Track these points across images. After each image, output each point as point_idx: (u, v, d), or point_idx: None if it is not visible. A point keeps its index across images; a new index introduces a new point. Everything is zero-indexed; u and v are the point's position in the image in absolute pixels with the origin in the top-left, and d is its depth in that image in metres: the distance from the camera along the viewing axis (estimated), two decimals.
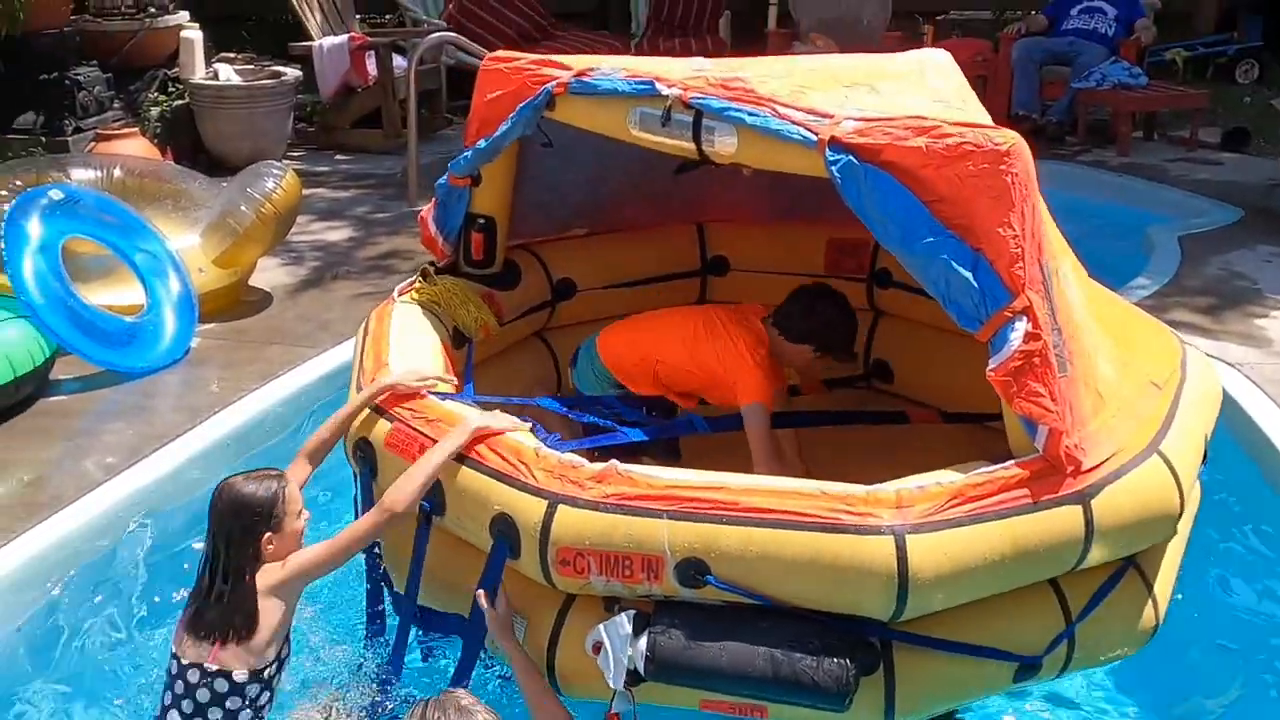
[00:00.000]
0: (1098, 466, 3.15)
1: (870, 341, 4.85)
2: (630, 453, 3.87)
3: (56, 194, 5.82)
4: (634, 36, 11.97)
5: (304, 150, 10.21)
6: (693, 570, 2.84)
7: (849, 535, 2.81)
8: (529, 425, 3.38)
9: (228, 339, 6.26)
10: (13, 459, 4.97)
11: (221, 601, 3.08)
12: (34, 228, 5.61)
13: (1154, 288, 6.84)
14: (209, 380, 5.72)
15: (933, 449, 3.61)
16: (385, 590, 3.55)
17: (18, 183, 6.22)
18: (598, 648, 2.92)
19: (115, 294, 5.92)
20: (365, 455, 3.49)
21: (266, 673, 3.13)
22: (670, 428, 4.01)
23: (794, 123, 3.23)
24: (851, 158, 3.13)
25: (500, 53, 4.08)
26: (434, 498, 3.23)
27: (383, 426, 3.45)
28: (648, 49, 11.19)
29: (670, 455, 3.98)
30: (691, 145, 3.49)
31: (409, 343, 3.87)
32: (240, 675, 3.09)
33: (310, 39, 10.12)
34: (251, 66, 9.79)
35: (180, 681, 3.12)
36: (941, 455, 3.25)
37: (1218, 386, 3.95)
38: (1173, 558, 3.55)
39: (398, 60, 10.14)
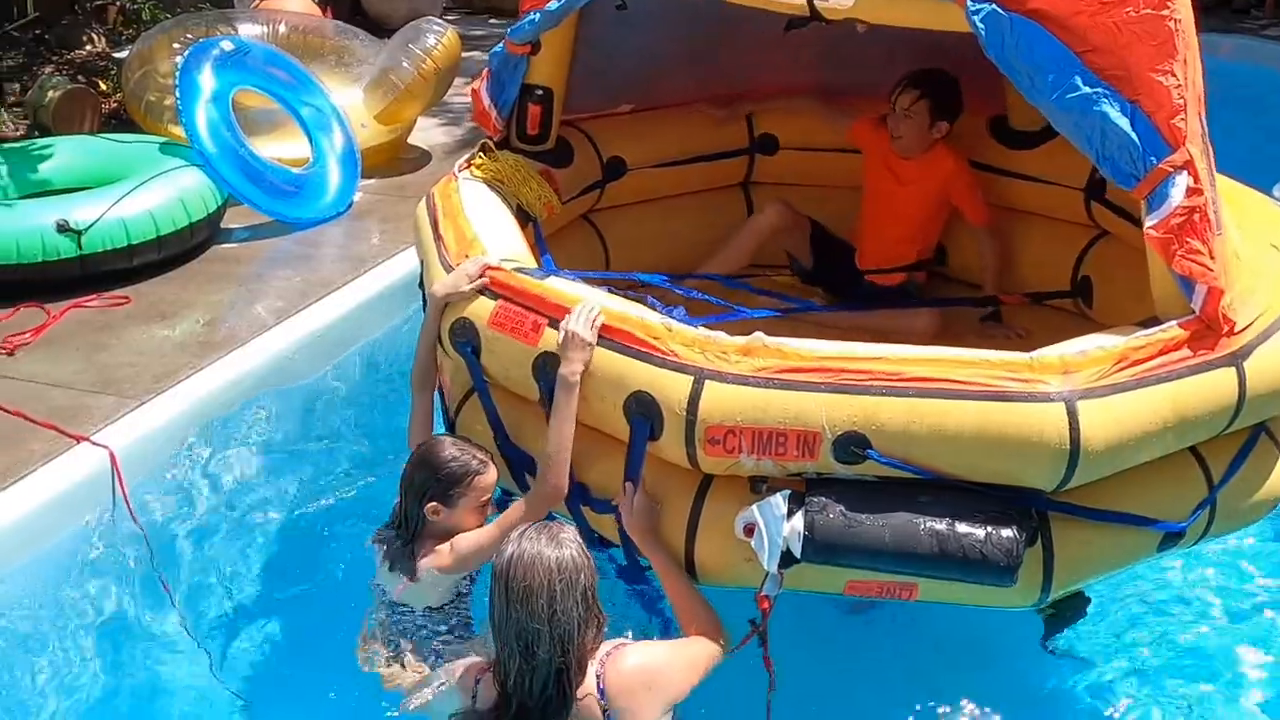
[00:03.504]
0: (1247, 328, 3.04)
1: None
2: None
3: (227, 45, 6.05)
4: None
5: (458, 14, 10.20)
6: (852, 446, 2.71)
7: (1018, 404, 2.68)
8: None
9: (388, 194, 6.48)
10: (189, 301, 5.26)
11: (401, 541, 3.14)
12: (206, 79, 5.81)
13: None
14: (370, 233, 5.98)
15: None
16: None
17: (188, 36, 6.46)
18: (750, 530, 2.78)
19: (282, 147, 6.15)
20: (467, 336, 3.27)
21: (446, 607, 3.18)
22: (788, 309, 3.88)
23: None
24: (996, 7, 2.94)
25: None
26: (552, 379, 3.06)
27: (484, 305, 3.25)
28: None
29: None
30: (803, 0, 3.28)
31: (487, 218, 3.69)
32: (419, 610, 3.17)
33: None
34: None
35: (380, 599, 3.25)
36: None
37: None
38: None
39: None
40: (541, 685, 2.55)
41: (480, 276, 3.27)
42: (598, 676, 2.59)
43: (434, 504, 3.07)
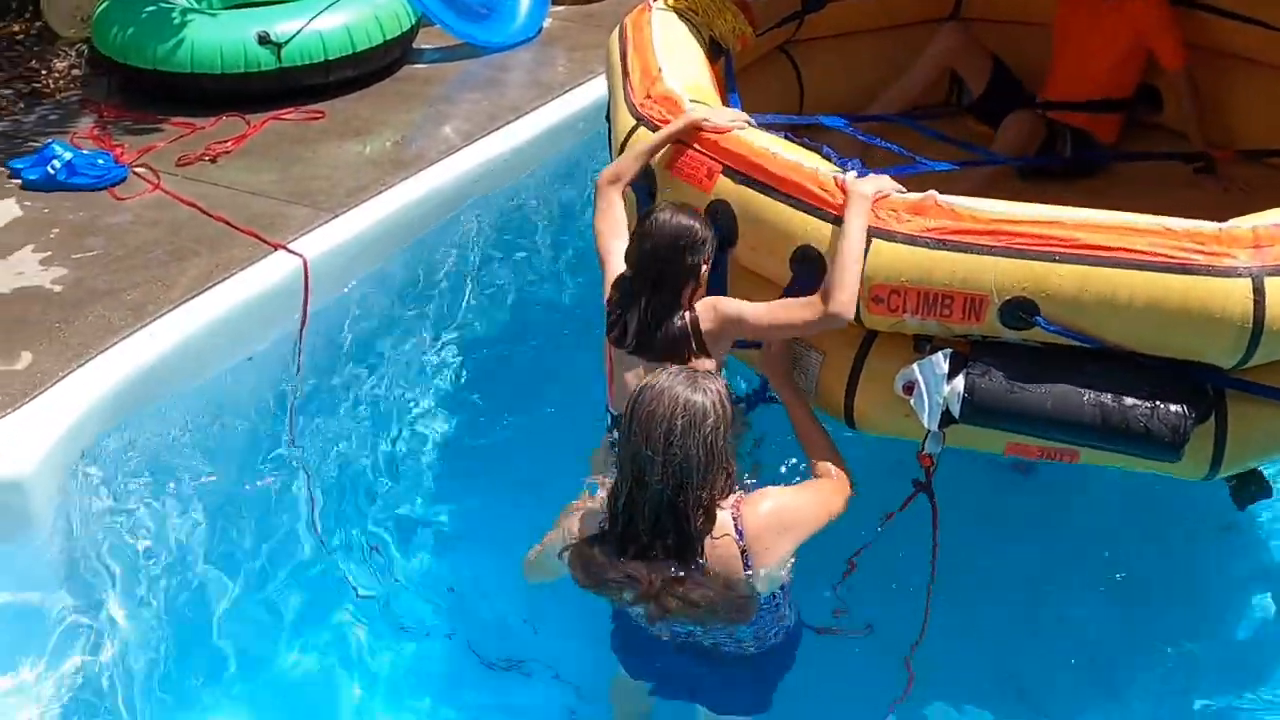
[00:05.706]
0: None
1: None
2: None
3: None
4: None
5: None
6: (1020, 311, 2.64)
7: (1201, 277, 2.56)
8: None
9: (577, 22, 6.52)
10: (380, 119, 5.39)
11: (671, 334, 2.96)
12: None
13: None
14: (557, 60, 6.04)
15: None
16: None
17: None
18: (910, 388, 2.76)
19: None
20: (644, 178, 3.28)
21: None
22: (970, 161, 3.76)
23: None
24: None
25: None
26: (726, 226, 3.05)
27: (664, 149, 3.24)
28: None
29: None
30: None
31: (675, 54, 3.64)
32: None
33: None
34: None
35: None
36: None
37: None
38: None
39: None
40: (654, 516, 2.54)
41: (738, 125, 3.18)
42: (734, 519, 2.62)
43: (705, 265, 2.97)
